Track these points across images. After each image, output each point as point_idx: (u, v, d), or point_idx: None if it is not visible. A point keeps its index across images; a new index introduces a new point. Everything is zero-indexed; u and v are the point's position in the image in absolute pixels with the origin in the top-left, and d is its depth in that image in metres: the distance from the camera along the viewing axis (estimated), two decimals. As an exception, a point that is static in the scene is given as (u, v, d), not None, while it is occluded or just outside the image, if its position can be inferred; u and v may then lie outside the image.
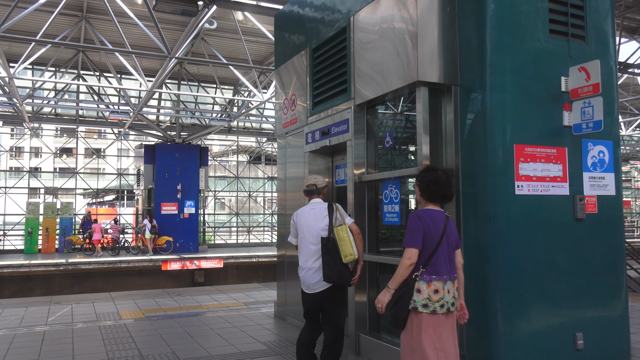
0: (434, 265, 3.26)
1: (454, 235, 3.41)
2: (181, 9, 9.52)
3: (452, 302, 3.32)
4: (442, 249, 3.28)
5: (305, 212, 4.37)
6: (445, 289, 3.27)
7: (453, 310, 3.34)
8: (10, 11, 10.35)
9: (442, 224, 3.34)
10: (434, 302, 3.22)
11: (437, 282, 3.25)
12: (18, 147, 31.06)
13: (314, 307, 4.26)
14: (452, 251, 3.38)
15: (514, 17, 4.47)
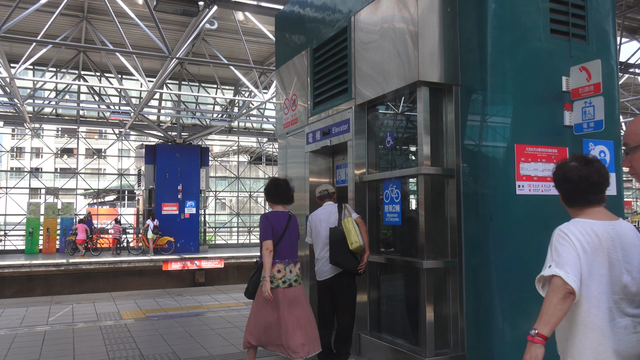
0: (278, 252, 4.39)
1: (296, 229, 4.57)
2: (182, 9, 9.53)
3: (295, 279, 4.43)
4: (284, 240, 4.41)
5: (318, 213, 5.03)
6: (287, 269, 4.41)
7: (296, 285, 4.43)
8: (11, 12, 10.36)
9: (285, 221, 4.46)
10: (277, 279, 4.35)
11: (280, 264, 4.39)
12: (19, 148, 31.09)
13: (325, 294, 4.85)
14: (295, 241, 4.54)
15: (514, 17, 4.46)
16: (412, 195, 5.11)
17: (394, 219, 4.95)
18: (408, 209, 5.05)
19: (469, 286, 4.42)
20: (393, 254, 5.29)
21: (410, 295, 4.99)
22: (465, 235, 4.46)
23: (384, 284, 5.41)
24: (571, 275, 2.12)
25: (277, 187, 4.57)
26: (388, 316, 5.33)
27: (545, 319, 2.16)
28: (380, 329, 5.27)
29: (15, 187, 23.23)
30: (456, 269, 4.53)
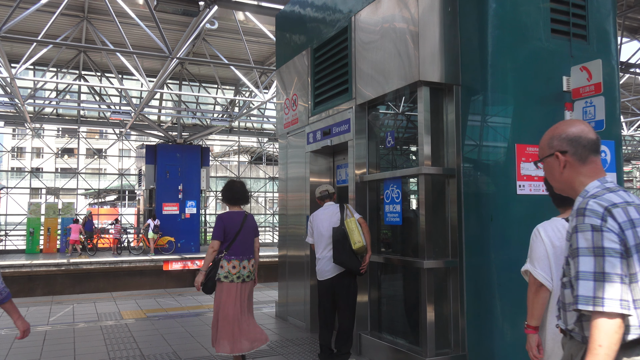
0: (234, 249, 4.62)
1: (252, 228, 4.81)
2: (182, 9, 9.52)
3: (248, 274, 4.69)
4: (239, 239, 4.66)
5: (320, 213, 5.05)
6: (241, 265, 4.64)
7: (248, 280, 4.70)
8: (12, 12, 10.36)
9: (240, 221, 4.72)
10: (232, 275, 4.60)
11: (235, 261, 4.62)
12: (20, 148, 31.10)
13: (326, 294, 4.86)
14: (250, 239, 4.77)
15: (515, 17, 4.46)
16: (412, 195, 5.11)
17: (395, 219, 4.95)
18: (409, 209, 5.05)
19: (470, 286, 4.42)
20: (393, 254, 5.29)
21: (411, 295, 4.99)
22: (466, 235, 4.46)
23: (384, 283, 5.41)
24: (538, 270, 2.43)
25: (233, 189, 4.87)
26: (389, 316, 5.33)
27: (529, 311, 2.50)
28: (381, 329, 5.27)
29: (16, 187, 23.25)
30: (457, 268, 4.53)
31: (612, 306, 1.58)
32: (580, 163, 1.83)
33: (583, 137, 1.82)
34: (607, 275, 1.60)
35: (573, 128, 1.86)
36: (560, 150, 1.85)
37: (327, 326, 4.89)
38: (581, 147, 1.82)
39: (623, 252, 1.64)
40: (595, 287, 1.61)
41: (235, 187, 4.87)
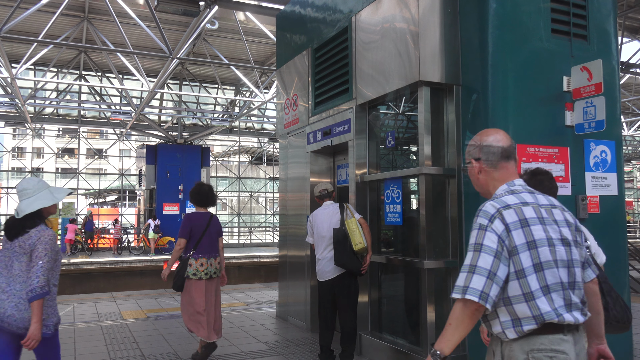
0: (200, 248, 4.97)
1: (217, 228, 5.14)
2: (183, 9, 9.52)
3: (214, 271, 5.06)
4: (205, 238, 5.01)
5: (319, 213, 5.01)
6: (208, 263, 5.01)
7: (215, 277, 5.07)
8: (13, 12, 10.36)
9: (206, 221, 5.06)
10: (200, 272, 4.95)
11: (203, 258, 4.97)
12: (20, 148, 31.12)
13: (326, 295, 4.85)
14: (216, 238, 5.12)
15: (515, 17, 4.46)
16: (413, 195, 5.11)
17: (395, 219, 4.94)
18: (409, 209, 5.05)
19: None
20: (394, 254, 5.29)
21: (411, 295, 4.99)
22: (467, 236, 4.46)
23: (384, 284, 5.41)
24: None
25: (200, 192, 5.19)
26: (389, 316, 5.33)
27: None
28: (381, 329, 5.27)
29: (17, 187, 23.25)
30: (457, 269, 4.52)
31: (472, 294, 1.77)
32: (492, 169, 2.03)
33: (494, 146, 2.02)
34: (477, 269, 1.81)
35: (486, 137, 2.06)
36: (475, 158, 2.07)
37: (327, 327, 4.88)
38: (491, 154, 2.01)
39: (500, 252, 1.83)
40: (466, 277, 1.82)
41: (204, 190, 5.20)
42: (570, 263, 1.89)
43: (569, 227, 1.94)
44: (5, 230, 3.23)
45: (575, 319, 1.83)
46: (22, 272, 3.08)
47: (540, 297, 1.81)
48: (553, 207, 1.96)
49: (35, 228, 3.18)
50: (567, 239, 1.91)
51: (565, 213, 1.98)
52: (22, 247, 3.11)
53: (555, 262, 1.85)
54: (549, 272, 1.84)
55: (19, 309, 3.02)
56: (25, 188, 3.30)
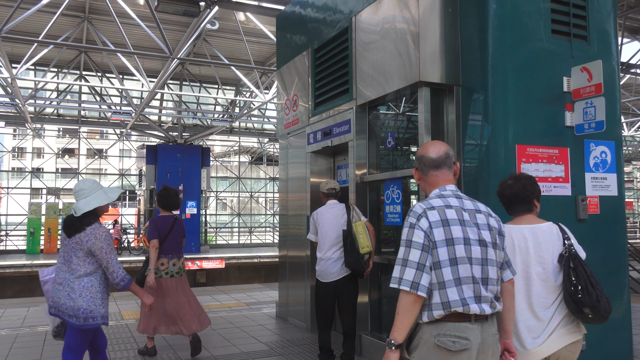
0: (163, 249, 5.25)
1: (181, 230, 5.43)
2: (183, 10, 9.52)
3: (177, 271, 5.31)
4: (169, 239, 5.29)
5: (325, 212, 4.94)
6: (170, 263, 5.28)
7: (177, 276, 5.30)
8: (13, 12, 10.37)
9: (170, 223, 5.33)
10: (161, 271, 5.23)
11: (164, 259, 5.26)
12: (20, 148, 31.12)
13: (328, 296, 4.81)
14: (180, 239, 5.40)
15: (515, 17, 4.46)
16: (413, 196, 5.11)
17: (395, 219, 4.95)
18: (409, 209, 5.05)
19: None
20: (394, 254, 5.29)
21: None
22: (466, 236, 4.46)
23: (384, 284, 5.41)
24: None
25: (167, 196, 5.46)
26: (389, 317, 5.33)
27: None
28: (381, 330, 5.27)
29: (17, 187, 23.26)
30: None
31: (405, 285, 2.06)
32: (425, 176, 2.34)
33: (425, 157, 2.31)
34: (409, 262, 2.08)
35: (422, 149, 2.35)
36: (415, 167, 2.41)
37: (327, 328, 4.86)
38: (423, 164, 2.32)
39: (426, 245, 2.10)
40: (400, 270, 2.09)
41: (170, 194, 5.49)
42: (485, 262, 2.14)
43: (489, 231, 2.19)
44: (64, 227, 3.59)
45: (482, 310, 2.08)
46: (80, 267, 3.51)
47: (452, 288, 2.07)
48: (477, 212, 2.23)
49: (91, 226, 3.54)
50: (485, 240, 2.16)
51: (490, 218, 2.24)
52: (79, 243, 3.50)
53: (470, 259, 2.11)
54: (462, 267, 2.09)
55: (71, 298, 3.46)
56: (82, 188, 3.62)
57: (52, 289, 3.62)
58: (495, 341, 2.16)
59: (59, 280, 3.56)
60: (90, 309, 3.49)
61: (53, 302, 3.57)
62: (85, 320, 3.49)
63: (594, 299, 2.55)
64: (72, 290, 3.48)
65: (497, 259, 2.19)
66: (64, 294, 3.49)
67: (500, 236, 2.24)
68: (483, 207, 2.28)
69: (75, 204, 3.59)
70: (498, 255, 2.20)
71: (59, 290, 3.52)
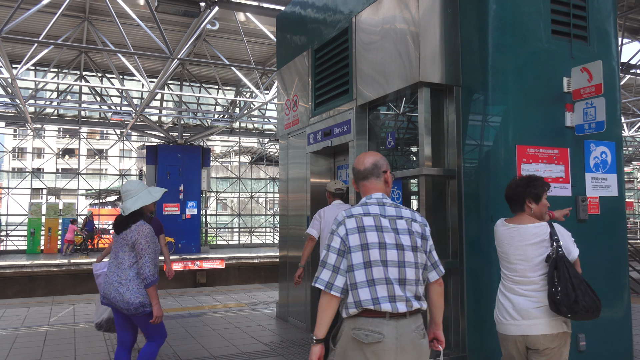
0: None
1: (158, 227, 5.57)
2: (183, 10, 9.53)
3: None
4: None
5: (332, 211, 4.87)
6: None
7: None
8: (13, 12, 10.37)
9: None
10: None
11: None
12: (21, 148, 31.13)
13: None
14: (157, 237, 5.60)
15: (515, 18, 4.46)
16: (413, 196, 5.11)
17: (395, 219, 4.94)
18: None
19: (470, 287, 4.42)
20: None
21: (412, 296, 4.99)
22: (467, 236, 4.46)
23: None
24: None
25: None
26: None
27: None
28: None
29: (17, 187, 23.27)
30: (457, 269, 4.52)
31: (320, 284, 2.30)
32: (357, 185, 2.58)
33: (355, 168, 2.55)
34: (326, 264, 2.32)
35: (355, 161, 2.58)
36: (352, 177, 2.61)
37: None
38: (355, 175, 2.56)
39: (341, 250, 2.32)
40: (319, 271, 2.33)
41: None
42: (402, 264, 2.32)
43: (409, 235, 2.36)
44: (114, 225, 3.89)
45: (394, 308, 2.27)
46: (125, 261, 3.75)
47: (364, 288, 2.28)
48: (399, 218, 2.39)
49: (136, 223, 3.79)
50: (403, 244, 2.33)
51: (413, 223, 2.40)
52: (125, 239, 3.76)
53: (385, 262, 2.30)
54: (376, 269, 2.29)
55: (120, 292, 3.68)
56: (128, 190, 3.88)
57: (103, 282, 3.89)
58: (417, 337, 2.33)
59: (109, 274, 3.83)
60: (138, 300, 3.70)
61: (105, 294, 3.82)
62: (137, 309, 3.71)
63: (571, 300, 2.75)
64: (120, 283, 3.71)
65: (417, 261, 2.36)
66: (113, 287, 3.73)
67: (423, 240, 2.41)
68: (407, 214, 2.43)
69: (123, 204, 3.86)
70: (419, 258, 2.37)
71: (110, 283, 3.77)
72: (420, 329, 2.39)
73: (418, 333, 2.36)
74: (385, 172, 2.54)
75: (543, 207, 3.02)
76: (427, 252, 2.43)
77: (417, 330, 2.36)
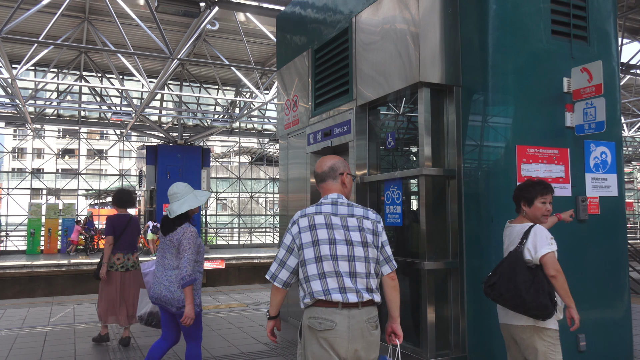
0: (119, 245, 5.79)
1: (136, 228, 5.94)
2: (183, 10, 9.52)
3: (132, 264, 5.88)
4: (124, 236, 5.80)
5: None
6: (125, 258, 5.84)
7: (132, 269, 5.87)
8: (13, 12, 10.37)
9: (126, 222, 5.86)
10: (117, 265, 5.79)
11: (120, 254, 5.81)
12: (20, 148, 31.12)
13: None
14: (134, 237, 5.93)
15: (515, 18, 4.46)
16: (413, 196, 5.11)
17: (395, 220, 4.95)
18: (409, 210, 5.05)
19: (470, 287, 4.42)
20: (394, 254, 5.28)
21: (411, 296, 4.99)
22: (467, 236, 4.46)
23: (385, 285, 5.41)
24: None
25: (122, 195, 6.04)
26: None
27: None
28: (382, 330, 5.26)
29: (17, 187, 23.27)
30: (457, 270, 4.52)
31: (268, 275, 2.62)
32: (317, 186, 2.80)
33: (315, 172, 2.78)
34: (278, 260, 2.61)
35: (315, 165, 2.81)
36: None
37: None
38: (315, 178, 2.79)
39: (290, 248, 2.59)
40: (273, 264, 2.63)
41: (125, 195, 6.08)
42: (352, 258, 2.53)
43: (360, 232, 2.56)
44: (161, 227, 4.03)
45: (345, 299, 2.48)
46: (171, 262, 3.89)
47: (315, 281, 2.49)
48: (350, 216, 2.61)
49: (181, 226, 3.92)
50: (352, 240, 2.54)
51: (365, 221, 2.61)
52: (171, 241, 3.90)
53: (335, 256, 2.51)
54: (326, 263, 2.50)
55: (170, 291, 3.82)
56: (175, 192, 4.01)
57: (152, 281, 4.03)
58: (368, 327, 2.60)
59: (157, 275, 3.96)
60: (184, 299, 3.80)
61: (154, 293, 3.94)
62: (181, 308, 3.81)
63: (496, 292, 3.10)
64: (171, 282, 3.84)
65: (367, 256, 2.57)
66: (163, 287, 3.86)
67: (374, 236, 2.61)
68: (359, 212, 2.66)
69: (170, 206, 3.97)
70: (370, 252, 2.58)
71: (159, 283, 3.91)
72: (373, 320, 2.63)
73: (370, 324, 2.60)
74: (342, 174, 2.76)
75: (537, 210, 3.21)
76: (378, 247, 2.63)
77: (369, 321, 2.59)
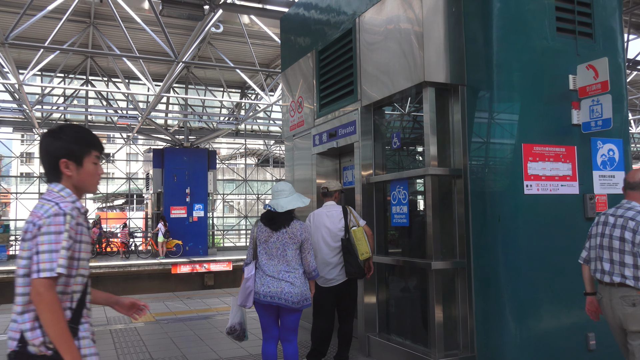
0: None
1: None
2: (187, 14, 9.56)
3: None
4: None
5: (322, 215, 4.84)
6: None
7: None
8: (19, 18, 10.45)
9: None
10: None
11: None
12: (28, 153, 31.32)
13: (329, 299, 4.72)
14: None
15: (520, 16, 4.45)
16: (419, 196, 5.10)
17: (402, 220, 4.94)
18: (416, 210, 5.04)
19: (478, 287, 4.40)
20: (401, 255, 5.28)
21: (419, 296, 4.98)
22: (474, 236, 4.44)
23: (392, 285, 5.40)
24: None
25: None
26: (397, 318, 5.32)
27: None
28: (389, 331, 5.26)
29: (25, 192, 23.43)
30: (465, 269, 4.51)
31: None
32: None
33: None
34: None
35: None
36: None
37: (326, 331, 4.73)
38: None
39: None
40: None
41: None
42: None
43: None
44: (268, 222, 4.06)
45: None
46: (294, 258, 4.01)
47: None
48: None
49: (296, 221, 4.07)
50: None
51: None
52: (293, 237, 4.00)
53: None
54: None
55: (295, 286, 3.93)
56: (283, 189, 4.13)
57: (264, 282, 3.97)
58: None
59: (272, 274, 3.96)
60: (307, 294, 4.00)
61: (270, 292, 3.93)
62: (302, 303, 3.96)
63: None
64: (296, 277, 3.95)
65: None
66: (285, 283, 3.92)
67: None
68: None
69: (276, 201, 4.06)
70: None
71: (278, 279, 3.94)
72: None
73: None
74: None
75: None
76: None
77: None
